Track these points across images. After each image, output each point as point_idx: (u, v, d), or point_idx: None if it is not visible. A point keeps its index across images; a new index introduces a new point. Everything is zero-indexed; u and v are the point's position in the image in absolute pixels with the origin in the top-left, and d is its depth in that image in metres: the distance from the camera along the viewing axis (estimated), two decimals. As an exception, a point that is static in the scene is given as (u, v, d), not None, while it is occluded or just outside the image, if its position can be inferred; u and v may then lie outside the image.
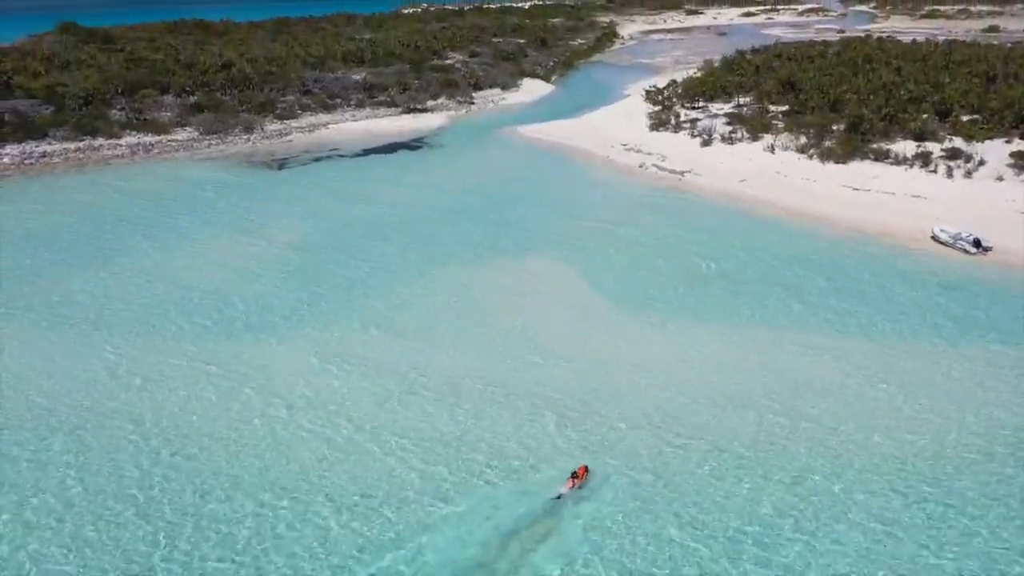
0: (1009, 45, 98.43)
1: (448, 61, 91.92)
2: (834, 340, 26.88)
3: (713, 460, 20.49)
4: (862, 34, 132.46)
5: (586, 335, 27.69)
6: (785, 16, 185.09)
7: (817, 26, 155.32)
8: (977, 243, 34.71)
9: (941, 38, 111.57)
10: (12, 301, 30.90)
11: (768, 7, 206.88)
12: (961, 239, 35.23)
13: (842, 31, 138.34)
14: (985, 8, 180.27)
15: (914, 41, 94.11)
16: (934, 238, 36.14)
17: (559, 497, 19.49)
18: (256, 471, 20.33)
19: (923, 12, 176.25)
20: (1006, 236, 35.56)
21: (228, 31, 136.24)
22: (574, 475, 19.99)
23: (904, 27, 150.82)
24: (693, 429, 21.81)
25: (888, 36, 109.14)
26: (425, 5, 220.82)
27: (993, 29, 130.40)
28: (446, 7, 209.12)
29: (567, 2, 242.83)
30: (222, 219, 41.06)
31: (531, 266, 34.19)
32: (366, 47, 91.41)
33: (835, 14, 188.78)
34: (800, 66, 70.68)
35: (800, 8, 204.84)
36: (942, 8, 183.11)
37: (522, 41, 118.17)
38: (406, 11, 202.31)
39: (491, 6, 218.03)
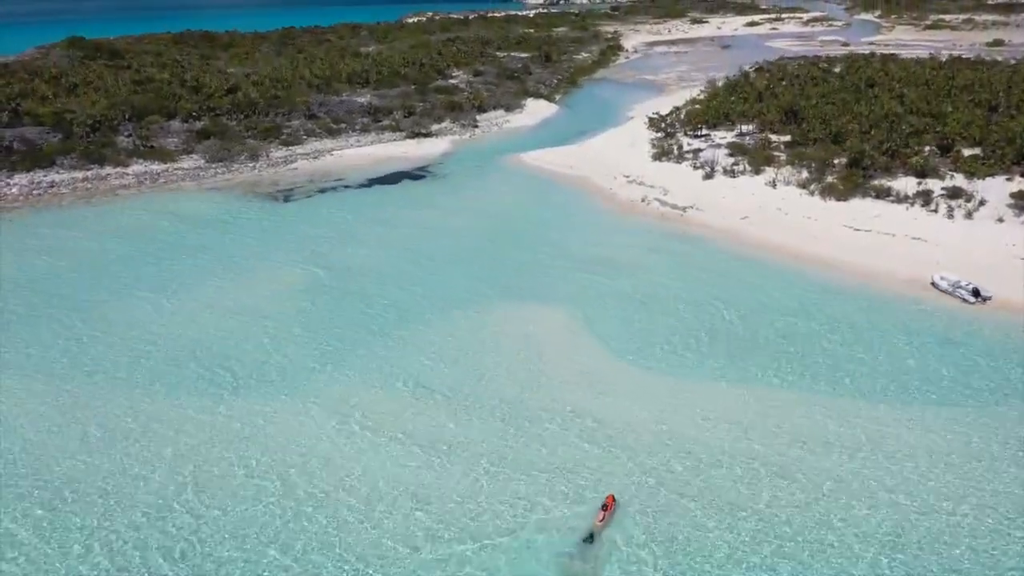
0: (1013, 62, 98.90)
1: (452, 81, 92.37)
2: (829, 400, 27.25)
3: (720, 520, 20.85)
4: (867, 47, 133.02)
5: (591, 394, 28.05)
6: (789, 26, 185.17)
7: (821, 38, 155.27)
8: (976, 292, 34.96)
9: (946, 53, 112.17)
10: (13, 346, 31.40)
11: (772, 16, 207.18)
12: (960, 287, 35.49)
13: (847, 44, 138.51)
14: (990, 18, 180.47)
15: (917, 60, 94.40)
16: (934, 285, 36.40)
17: (591, 538, 20.26)
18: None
19: (928, 22, 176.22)
20: (1005, 284, 35.80)
21: (233, 43, 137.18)
22: (604, 507, 21.04)
23: (909, 39, 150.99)
24: (690, 480, 22.19)
25: (892, 53, 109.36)
26: (430, 14, 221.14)
27: (998, 43, 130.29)
28: (451, 16, 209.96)
29: (572, 10, 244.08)
30: (225, 262, 41.24)
31: (536, 318, 34.42)
32: (371, 66, 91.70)
33: (840, 23, 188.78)
34: (803, 91, 70.90)
35: (804, 17, 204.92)
36: (947, 18, 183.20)
37: (526, 55, 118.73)
38: (411, 20, 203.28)
39: (496, 14, 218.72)
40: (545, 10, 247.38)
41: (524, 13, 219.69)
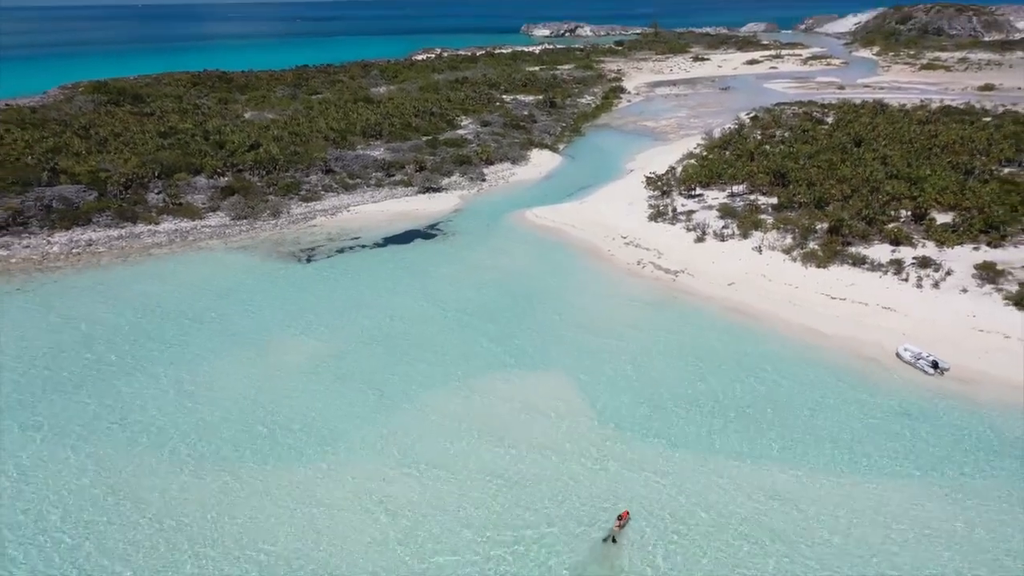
0: (1001, 110, 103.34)
1: (461, 131, 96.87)
2: (796, 472, 31.09)
3: None
4: (862, 90, 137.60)
5: (585, 468, 31.91)
6: (788, 64, 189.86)
7: (819, 78, 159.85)
8: (935, 364, 38.76)
9: (937, 99, 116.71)
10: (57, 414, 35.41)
11: (772, 53, 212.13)
12: (922, 359, 39.31)
13: (842, 87, 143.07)
14: (985, 57, 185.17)
15: (906, 112, 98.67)
16: (898, 356, 40.21)
17: (612, 539, 27.04)
18: None
19: (924, 61, 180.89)
20: (963, 355, 39.68)
21: (249, 84, 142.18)
22: (619, 517, 27.56)
23: (904, 80, 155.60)
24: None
25: (884, 100, 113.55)
26: (438, 50, 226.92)
27: (989, 87, 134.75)
28: (458, 53, 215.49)
29: (577, 45, 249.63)
30: (251, 333, 45.34)
31: (537, 388, 38.36)
32: (383, 119, 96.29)
33: (838, 61, 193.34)
34: (791, 151, 75.00)
35: (804, 54, 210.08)
36: (943, 56, 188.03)
37: (532, 99, 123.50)
38: (419, 57, 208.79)
39: (503, 50, 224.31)
40: (551, 45, 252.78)
41: (530, 49, 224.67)
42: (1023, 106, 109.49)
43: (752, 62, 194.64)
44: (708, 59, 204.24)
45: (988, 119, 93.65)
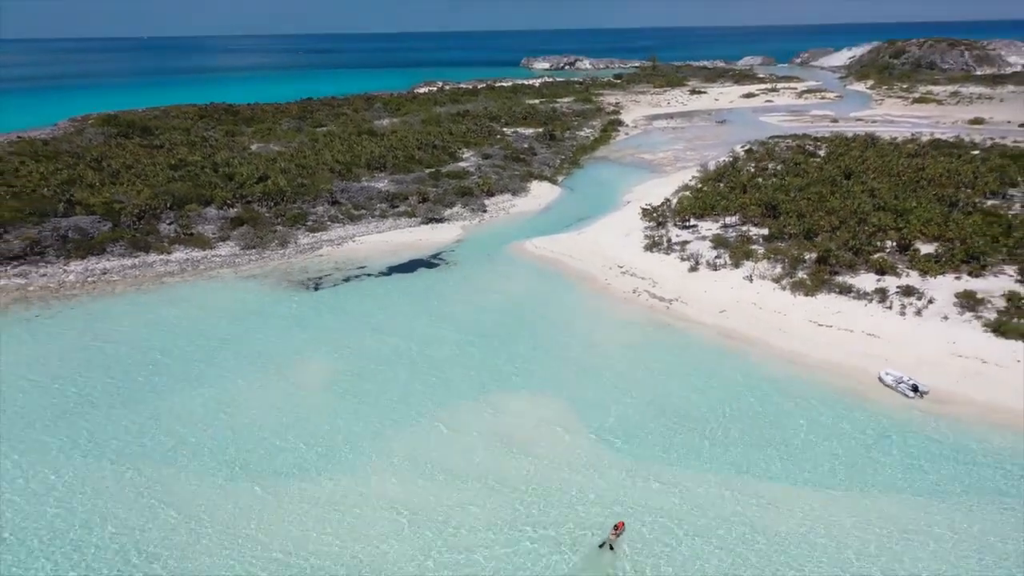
0: (989, 143, 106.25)
1: (463, 164, 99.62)
2: (782, 484, 33.01)
3: None
4: (855, 123, 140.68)
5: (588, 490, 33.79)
6: (784, 97, 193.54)
7: (813, 112, 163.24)
8: (915, 388, 40.70)
9: (928, 132, 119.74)
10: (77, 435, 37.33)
11: (768, 87, 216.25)
12: (903, 383, 41.25)
13: (836, 120, 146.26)
14: (976, 91, 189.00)
15: (895, 145, 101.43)
16: (880, 380, 42.15)
17: (608, 546, 29.04)
18: None
19: (917, 95, 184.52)
20: (941, 379, 41.64)
21: (255, 117, 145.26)
22: (615, 527, 29.67)
23: (897, 114, 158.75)
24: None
25: (875, 134, 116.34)
26: (440, 83, 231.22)
27: (978, 121, 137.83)
28: (460, 86, 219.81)
29: (576, 78, 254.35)
30: (269, 351, 47.58)
31: (539, 405, 40.39)
32: (387, 151, 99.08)
33: (833, 95, 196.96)
34: (782, 184, 77.50)
35: (799, 87, 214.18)
36: (936, 90, 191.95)
37: (531, 132, 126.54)
38: (421, 90, 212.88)
39: (503, 83, 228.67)
40: (551, 78, 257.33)
41: (530, 82, 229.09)
42: (1011, 139, 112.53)
43: (748, 95, 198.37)
44: (705, 92, 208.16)
45: (976, 152, 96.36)
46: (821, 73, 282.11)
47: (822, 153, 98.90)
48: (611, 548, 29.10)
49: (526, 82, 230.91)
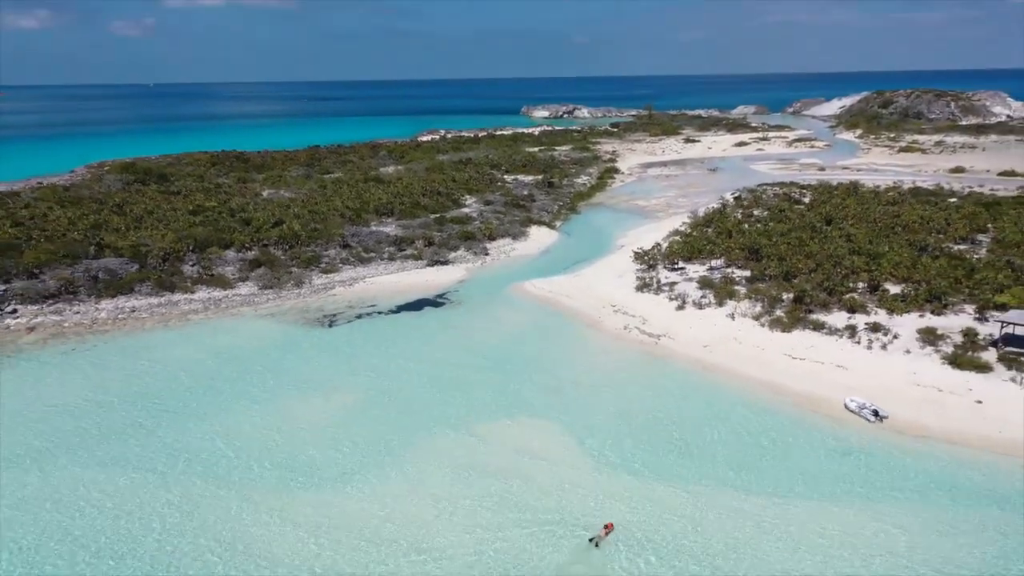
0: (967, 191, 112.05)
1: (466, 209, 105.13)
2: (764, 500, 37.30)
3: None
4: (841, 172, 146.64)
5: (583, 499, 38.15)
6: (775, 146, 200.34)
7: (802, 160, 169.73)
8: (876, 413, 45.19)
9: (910, 180, 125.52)
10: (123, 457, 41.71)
11: (760, 135, 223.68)
12: (865, 408, 45.74)
13: (823, 168, 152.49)
14: (960, 140, 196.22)
15: (876, 194, 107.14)
16: (845, 406, 46.64)
17: (595, 541, 33.12)
18: None
19: (903, 144, 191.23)
20: (900, 406, 46.11)
21: (265, 164, 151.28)
22: (606, 526, 33.56)
23: (882, 162, 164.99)
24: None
25: (859, 182, 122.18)
26: (443, 131, 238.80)
27: (959, 170, 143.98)
28: (461, 134, 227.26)
29: (575, 126, 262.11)
30: (291, 381, 52.12)
31: (536, 431, 44.74)
32: (394, 198, 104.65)
33: (822, 144, 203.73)
34: (766, 229, 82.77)
35: (790, 136, 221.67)
36: (921, 139, 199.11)
37: (531, 179, 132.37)
38: (424, 138, 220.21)
39: (503, 132, 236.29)
40: (550, 126, 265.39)
41: (530, 131, 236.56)
42: (988, 187, 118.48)
43: (741, 144, 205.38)
44: (699, 141, 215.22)
45: (953, 200, 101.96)
46: (812, 122, 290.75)
47: (807, 200, 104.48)
48: (596, 545, 33.11)
49: (526, 130, 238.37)
